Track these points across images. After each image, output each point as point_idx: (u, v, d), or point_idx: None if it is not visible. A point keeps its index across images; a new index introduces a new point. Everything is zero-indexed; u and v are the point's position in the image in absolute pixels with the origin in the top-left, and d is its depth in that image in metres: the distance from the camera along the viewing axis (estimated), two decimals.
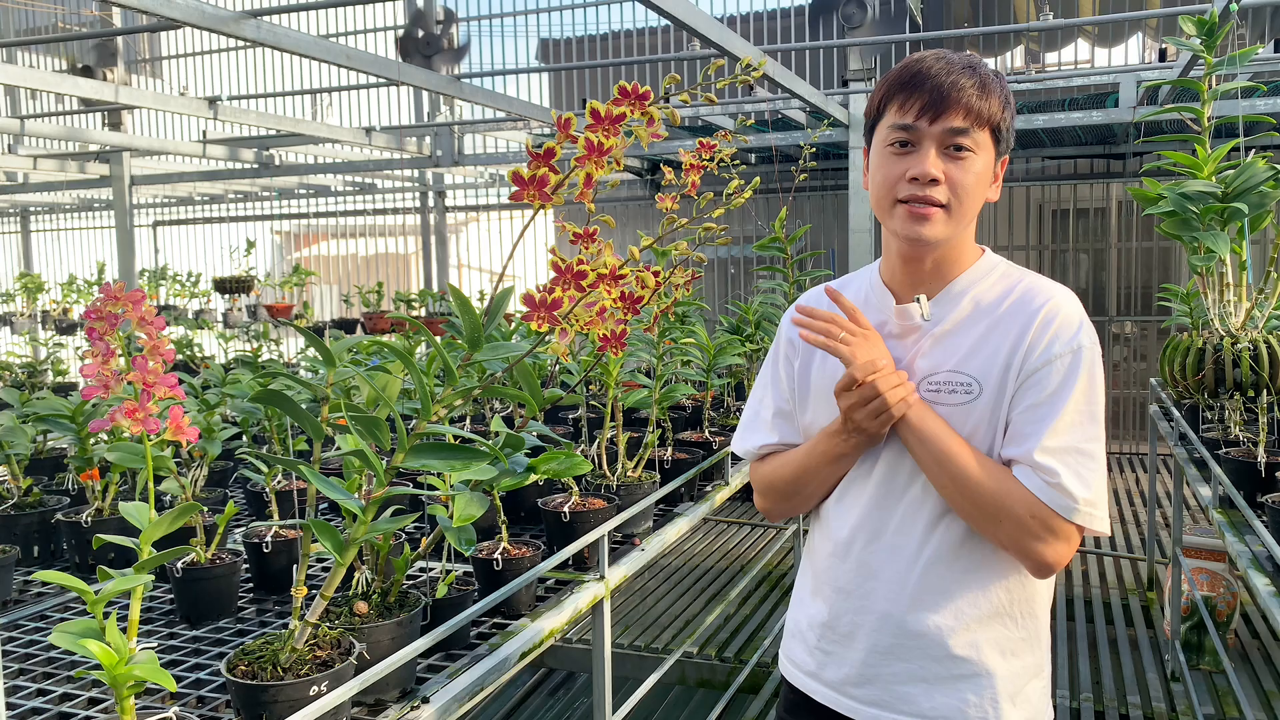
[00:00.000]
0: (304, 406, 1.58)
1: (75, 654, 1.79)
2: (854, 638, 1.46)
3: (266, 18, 3.30)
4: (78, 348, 7.15)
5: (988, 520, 1.34)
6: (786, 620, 1.64)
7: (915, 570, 1.41)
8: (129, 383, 1.23)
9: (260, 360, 4.00)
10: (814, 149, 4.32)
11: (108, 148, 6.80)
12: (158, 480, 2.03)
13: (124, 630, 1.24)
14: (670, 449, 2.91)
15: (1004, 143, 1.41)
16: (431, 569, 1.94)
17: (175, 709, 1.35)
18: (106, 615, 1.22)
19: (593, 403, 3.14)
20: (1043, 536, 1.32)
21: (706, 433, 3.23)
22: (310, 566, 2.16)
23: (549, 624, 1.91)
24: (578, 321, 1.26)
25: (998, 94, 1.37)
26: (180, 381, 1.38)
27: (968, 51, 1.54)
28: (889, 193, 1.40)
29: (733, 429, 3.27)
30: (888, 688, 1.43)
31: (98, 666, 1.20)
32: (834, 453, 1.46)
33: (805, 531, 1.67)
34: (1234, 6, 2.79)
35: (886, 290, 1.49)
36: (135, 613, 1.27)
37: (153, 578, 1.24)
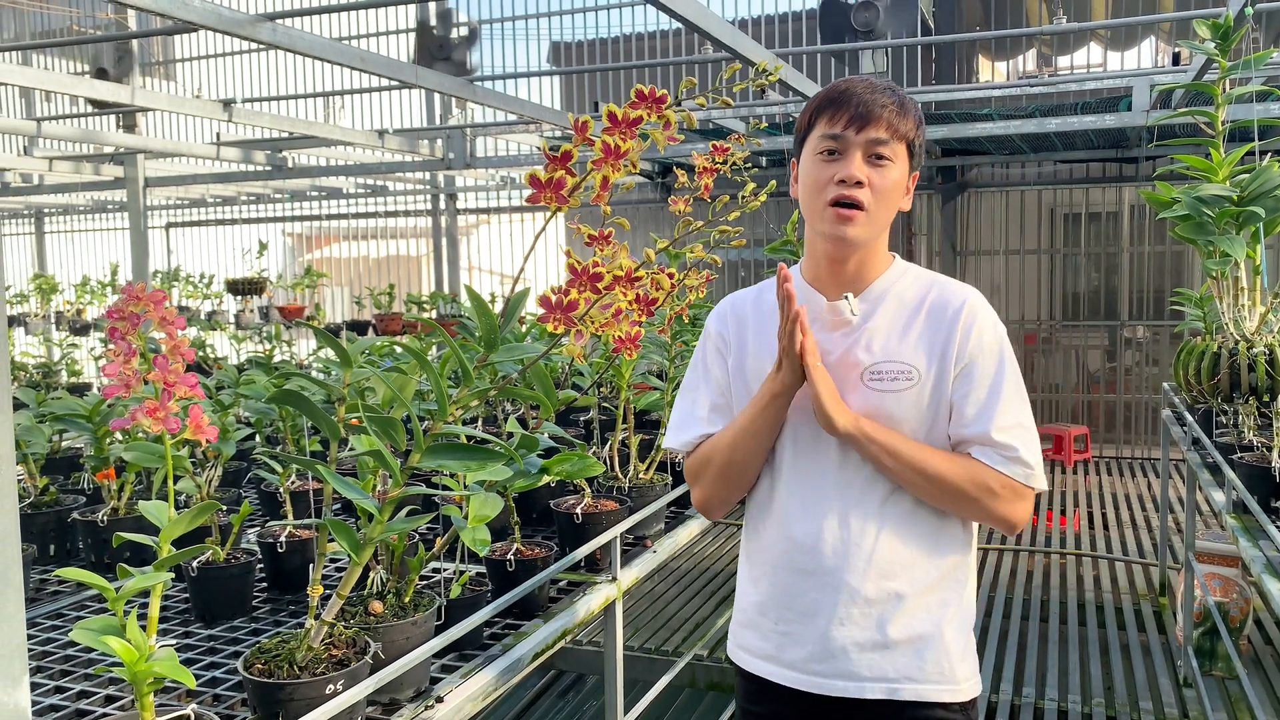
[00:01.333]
0: (319, 407, 1.59)
1: (92, 652, 1.80)
2: (815, 614, 1.54)
3: (282, 20, 3.32)
4: (91, 349, 7.20)
5: (966, 501, 1.50)
6: (734, 612, 1.70)
7: (873, 541, 1.52)
8: (149, 382, 1.24)
9: (273, 361, 4.03)
10: None
11: (122, 150, 6.84)
12: (175, 480, 2.04)
13: (143, 628, 1.25)
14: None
15: (916, 158, 1.59)
16: (445, 569, 1.95)
17: (193, 706, 1.36)
18: (126, 613, 1.23)
19: (605, 405, 3.15)
20: (1013, 502, 1.51)
21: None
22: (324, 567, 2.17)
23: (561, 625, 1.92)
24: (593, 323, 1.27)
25: (913, 115, 1.55)
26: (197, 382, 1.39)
27: (884, 77, 1.71)
28: (819, 195, 1.54)
29: None
30: (851, 658, 1.52)
31: (117, 663, 1.21)
32: (767, 394, 1.55)
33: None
34: (1249, 10, 2.79)
35: (813, 289, 1.63)
36: (155, 610, 1.28)
37: (172, 575, 1.25)
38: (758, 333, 1.65)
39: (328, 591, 1.51)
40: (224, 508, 2.31)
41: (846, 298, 1.58)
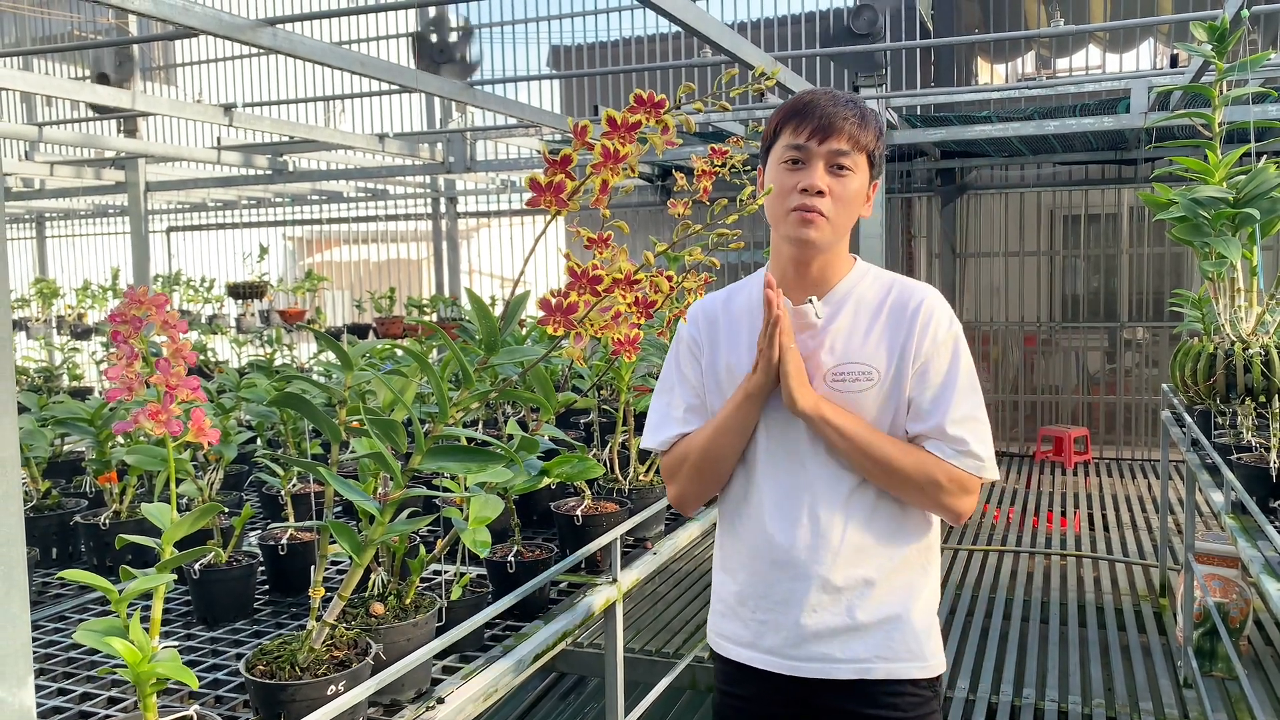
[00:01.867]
0: (321, 410, 1.60)
1: (94, 654, 1.81)
2: (789, 603, 1.62)
3: (282, 26, 3.33)
4: (93, 353, 7.20)
5: (913, 490, 1.58)
6: (712, 601, 1.78)
7: (840, 533, 1.60)
8: (151, 385, 1.25)
9: (274, 365, 4.03)
10: None
11: (123, 154, 6.86)
12: (177, 483, 2.05)
13: (145, 630, 1.26)
14: None
15: (876, 168, 1.66)
16: (446, 571, 1.96)
17: (195, 708, 1.37)
18: (129, 615, 1.24)
19: (604, 407, 3.16)
20: (958, 494, 1.59)
21: None
22: (325, 569, 2.18)
23: (562, 627, 1.93)
24: (593, 326, 1.28)
25: (873, 127, 1.63)
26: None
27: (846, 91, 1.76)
28: (783, 202, 1.62)
29: None
30: (824, 641, 1.60)
31: (120, 664, 1.22)
32: (743, 393, 1.63)
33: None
34: (1245, 13, 2.80)
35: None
36: (158, 612, 1.29)
37: (175, 577, 1.26)
38: (728, 333, 1.73)
39: (329, 593, 1.51)
40: (226, 510, 2.32)
41: (811, 301, 1.65)
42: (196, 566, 1.97)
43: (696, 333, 1.76)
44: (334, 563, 2.30)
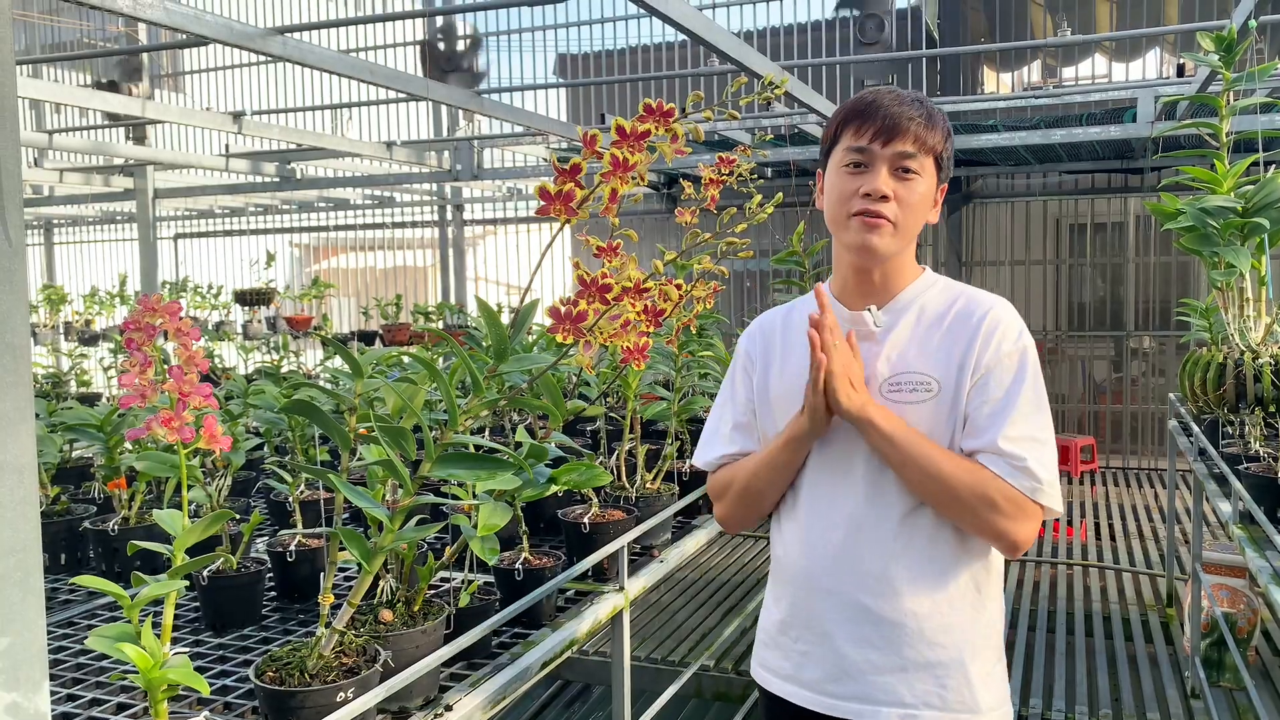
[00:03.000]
0: (330, 417, 1.61)
1: (103, 660, 1.82)
2: (831, 634, 1.52)
3: (292, 34, 3.35)
4: (101, 359, 7.23)
5: (964, 508, 1.45)
6: (758, 630, 1.70)
7: (890, 563, 1.50)
8: (164, 392, 1.26)
9: (281, 372, 4.05)
10: None
11: (132, 161, 6.89)
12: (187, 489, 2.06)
13: (156, 635, 1.26)
14: (688, 461, 2.92)
15: (944, 171, 1.57)
16: (454, 578, 1.96)
17: (205, 714, 1.38)
18: (139, 621, 1.24)
19: (612, 415, 3.16)
20: (1015, 517, 1.44)
21: None
22: (334, 576, 2.18)
23: (569, 634, 1.93)
24: (601, 334, 1.28)
25: (940, 127, 1.54)
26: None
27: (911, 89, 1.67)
28: (844, 208, 1.53)
29: None
30: (866, 679, 1.49)
31: (132, 670, 1.22)
32: (788, 434, 1.55)
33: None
34: (1252, 23, 2.80)
35: (839, 303, 1.62)
36: (169, 618, 1.29)
37: (186, 583, 1.27)
38: (784, 346, 1.65)
39: (338, 600, 1.52)
40: (236, 516, 2.33)
41: (870, 309, 1.57)
42: (205, 573, 1.98)
43: (752, 348, 1.70)
44: (342, 570, 2.31)
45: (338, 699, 1.38)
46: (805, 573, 1.56)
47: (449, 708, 1.59)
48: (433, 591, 1.90)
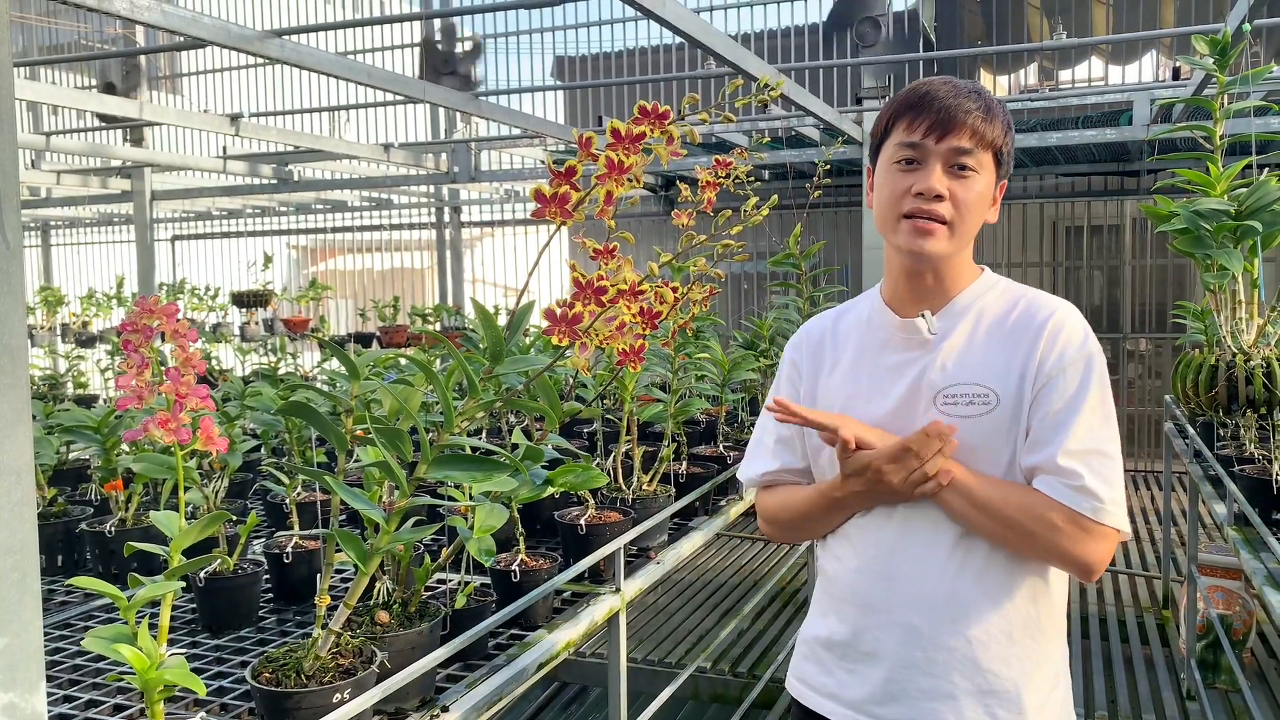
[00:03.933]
0: (327, 418, 1.61)
1: (100, 661, 1.82)
2: (879, 655, 1.45)
3: (290, 37, 3.35)
4: (98, 360, 7.22)
5: (1023, 536, 1.36)
6: (798, 642, 1.63)
7: (944, 584, 1.41)
8: (161, 394, 1.26)
9: (279, 374, 4.05)
10: (828, 166, 4.35)
11: (129, 163, 6.89)
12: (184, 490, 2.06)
13: (153, 637, 1.27)
14: (685, 463, 2.93)
15: (1004, 166, 1.46)
16: (450, 580, 1.96)
17: (201, 715, 1.38)
18: (136, 622, 1.25)
19: (608, 417, 3.17)
20: (1080, 539, 1.34)
21: (721, 447, 3.25)
22: (330, 577, 2.18)
23: (565, 636, 1.93)
24: (597, 336, 1.29)
25: (1000, 119, 1.43)
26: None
27: (970, 79, 1.61)
28: (894, 208, 1.44)
29: (747, 443, 3.29)
30: (915, 705, 1.41)
31: (128, 671, 1.23)
32: (833, 498, 1.50)
33: (814, 549, 1.69)
34: (1247, 27, 2.81)
35: (888, 309, 1.53)
36: (165, 619, 1.29)
37: (183, 584, 1.27)
38: (833, 351, 1.58)
39: (334, 601, 1.52)
40: (233, 518, 2.33)
41: (924, 315, 1.47)
42: (202, 574, 1.98)
43: (799, 357, 1.62)
44: (339, 571, 2.31)
45: (334, 700, 1.38)
46: (855, 591, 1.49)
47: (445, 709, 1.59)
48: (429, 593, 1.90)
